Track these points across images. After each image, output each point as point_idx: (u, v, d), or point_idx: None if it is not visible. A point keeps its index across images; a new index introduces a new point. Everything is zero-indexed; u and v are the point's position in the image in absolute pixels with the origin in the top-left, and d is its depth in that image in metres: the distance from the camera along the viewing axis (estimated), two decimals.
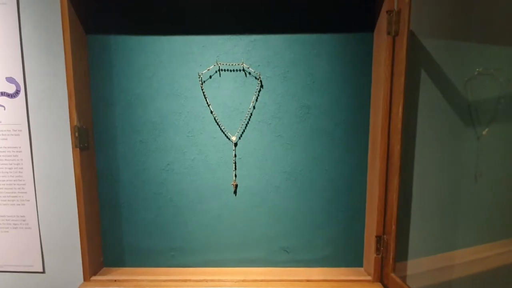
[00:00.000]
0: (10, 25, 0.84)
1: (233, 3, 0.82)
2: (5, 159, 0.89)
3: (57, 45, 0.84)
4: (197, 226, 0.90)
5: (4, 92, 0.87)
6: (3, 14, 0.83)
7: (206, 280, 0.85)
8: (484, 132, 0.94)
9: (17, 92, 0.87)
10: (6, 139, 0.88)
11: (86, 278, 0.84)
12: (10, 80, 0.86)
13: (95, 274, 0.87)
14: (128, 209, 0.90)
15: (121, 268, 0.92)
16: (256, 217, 0.90)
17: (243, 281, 0.85)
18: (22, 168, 0.89)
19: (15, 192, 0.90)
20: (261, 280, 0.85)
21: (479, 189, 0.95)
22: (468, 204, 0.95)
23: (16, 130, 0.88)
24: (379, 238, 0.82)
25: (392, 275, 0.80)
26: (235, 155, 0.88)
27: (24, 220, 0.92)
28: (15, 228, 0.92)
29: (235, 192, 0.89)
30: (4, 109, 0.87)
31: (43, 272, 0.94)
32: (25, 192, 0.91)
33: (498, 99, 0.94)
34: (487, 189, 0.96)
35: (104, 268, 0.91)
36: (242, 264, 0.92)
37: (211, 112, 0.86)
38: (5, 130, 0.88)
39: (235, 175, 0.88)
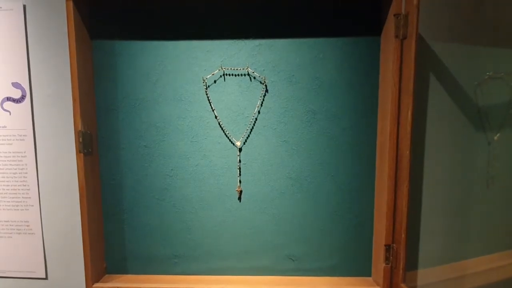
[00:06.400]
0: (16, 31, 0.84)
1: (238, 7, 0.82)
2: (10, 164, 0.89)
3: (62, 50, 0.84)
4: (201, 233, 0.89)
5: (10, 97, 0.87)
6: (10, 20, 0.84)
7: None
8: (495, 137, 0.91)
9: (22, 97, 0.87)
10: (11, 144, 0.88)
11: (89, 285, 0.83)
12: (16, 85, 0.86)
13: (97, 281, 0.86)
14: (131, 215, 0.89)
15: (124, 275, 0.90)
16: (261, 224, 0.88)
17: None
18: (26, 173, 0.89)
19: (19, 197, 0.90)
20: None
21: (492, 195, 0.92)
22: (481, 211, 0.92)
23: (21, 135, 0.88)
24: (388, 247, 0.80)
25: (402, 285, 0.77)
26: (240, 161, 0.86)
27: (27, 226, 0.91)
28: (19, 233, 0.92)
29: (239, 198, 0.88)
30: (10, 114, 0.87)
31: (46, 278, 0.93)
32: (29, 197, 0.90)
33: (509, 103, 0.91)
34: (499, 195, 0.93)
35: (107, 275, 0.90)
36: (246, 272, 0.90)
37: (216, 117, 0.85)
38: (10, 135, 0.88)
39: (240, 181, 0.87)
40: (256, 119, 0.85)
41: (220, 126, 0.86)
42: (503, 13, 0.87)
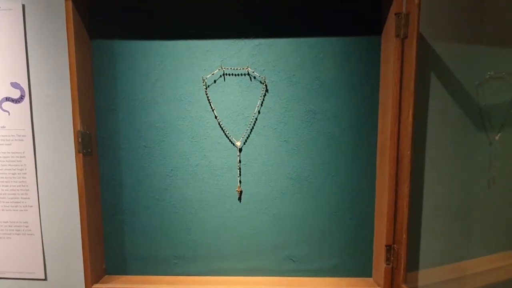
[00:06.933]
0: (15, 31, 0.84)
1: (238, 7, 0.81)
2: (9, 165, 0.89)
3: (61, 50, 0.84)
4: (201, 234, 0.89)
5: (9, 97, 0.87)
6: (9, 20, 0.83)
7: None
8: (496, 137, 0.91)
9: (21, 98, 0.86)
10: (10, 144, 0.88)
11: (88, 285, 0.82)
12: (15, 85, 0.86)
13: (97, 282, 0.85)
14: (131, 216, 0.88)
15: (123, 276, 0.90)
16: (261, 225, 0.88)
17: None
18: (25, 173, 0.89)
19: (18, 198, 0.90)
20: None
21: (493, 195, 0.92)
22: (482, 211, 0.91)
23: (20, 135, 0.88)
24: (389, 248, 0.79)
25: (403, 286, 0.77)
26: (240, 161, 0.86)
27: (27, 226, 0.91)
28: (18, 234, 0.91)
29: (239, 199, 0.87)
30: (9, 114, 0.87)
31: (45, 279, 0.93)
32: (28, 198, 0.90)
33: (511, 103, 0.91)
34: (501, 195, 0.92)
35: (106, 276, 0.90)
36: (246, 273, 0.90)
37: (216, 117, 0.85)
38: (9, 135, 0.88)
39: (240, 181, 0.87)
40: (256, 119, 0.85)
41: (220, 126, 0.85)
42: (504, 13, 0.87)
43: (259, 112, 0.85)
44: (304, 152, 0.85)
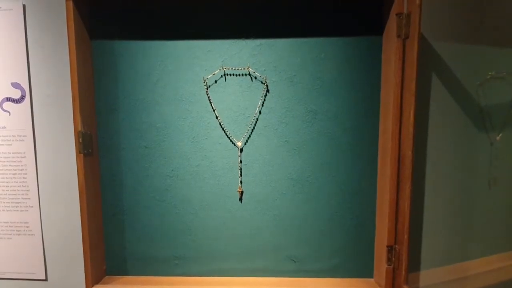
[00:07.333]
0: (16, 31, 0.84)
1: (238, 7, 0.81)
2: (10, 165, 0.89)
3: (62, 51, 0.84)
4: (201, 234, 0.88)
5: (10, 98, 0.86)
6: (9, 20, 0.83)
7: None
8: (497, 137, 0.91)
9: (22, 98, 0.86)
10: (10, 144, 0.88)
11: (89, 286, 0.82)
12: (15, 85, 0.86)
13: (97, 282, 0.85)
14: (132, 216, 0.88)
15: (124, 276, 0.90)
16: (262, 225, 0.88)
17: None
18: (26, 173, 0.89)
19: (18, 198, 0.90)
20: None
21: (494, 196, 0.92)
22: (483, 212, 0.91)
23: (20, 136, 0.87)
24: (390, 248, 0.79)
25: (405, 287, 0.77)
26: (241, 161, 0.86)
27: (27, 227, 0.91)
28: (18, 234, 0.91)
29: (240, 199, 0.87)
30: (9, 115, 0.87)
31: (46, 280, 0.93)
32: (29, 198, 0.90)
33: (511, 103, 0.91)
34: (501, 195, 0.92)
35: (107, 277, 0.89)
36: (247, 274, 0.89)
37: (216, 117, 0.85)
38: (9, 136, 0.87)
39: (241, 182, 0.86)
40: (257, 119, 0.85)
41: (221, 127, 0.85)
42: (505, 13, 0.87)
43: (260, 112, 0.85)
44: (305, 153, 0.85)
